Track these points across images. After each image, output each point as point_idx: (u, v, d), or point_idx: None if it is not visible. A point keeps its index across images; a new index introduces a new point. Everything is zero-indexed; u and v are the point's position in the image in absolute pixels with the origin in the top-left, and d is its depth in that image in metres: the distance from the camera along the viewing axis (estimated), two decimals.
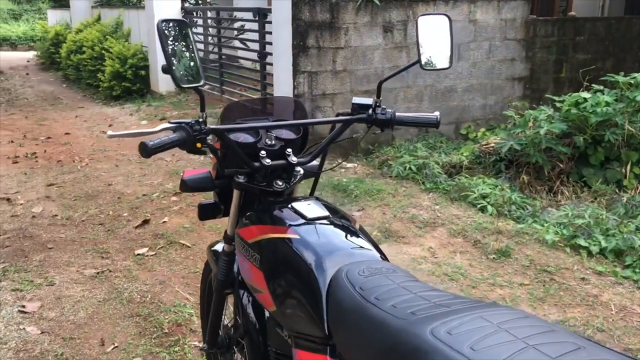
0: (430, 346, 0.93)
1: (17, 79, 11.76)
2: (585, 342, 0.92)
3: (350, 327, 1.17)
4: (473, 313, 1.01)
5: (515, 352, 0.88)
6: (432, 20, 1.67)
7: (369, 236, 1.49)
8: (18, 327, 2.77)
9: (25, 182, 5.08)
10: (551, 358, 0.85)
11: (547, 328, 0.97)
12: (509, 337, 0.92)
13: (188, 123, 1.43)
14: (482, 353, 0.89)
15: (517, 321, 0.99)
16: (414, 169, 5.08)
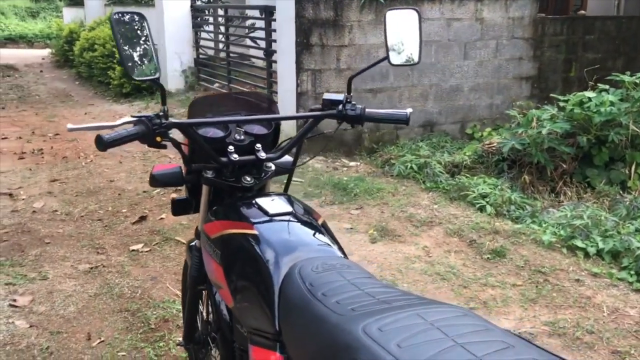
0: (359, 343, 0.92)
1: (31, 76, 11.89)
2: (517, 341, 0.90)
3: (295, 323, 1.16)
4: (411, 310, 1.00)
5: (441, 350, 0.86)
6: (402, 15, 1.66)
7: (330, 233, 1.48)
8: (7, 320, 2.80)
9: (29, 177, 5.13)
10: (475, 357, 0.84)
11: (483, 327, 0.95)
12: (439, 335, 0.91)
13: (148, 117, 1.43)
14: (407, 350, 0.87)
15: (453, 319, 0.97)
16: (415, 168, 5.05)
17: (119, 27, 1.39)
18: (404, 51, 1.69)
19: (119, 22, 1.40)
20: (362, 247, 3.68)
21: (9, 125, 7.23)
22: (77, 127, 1.43)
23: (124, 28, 1.42)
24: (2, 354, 2.53)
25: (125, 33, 1.42)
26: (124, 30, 1.42)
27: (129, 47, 1.43)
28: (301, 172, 5.18)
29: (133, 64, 1.43)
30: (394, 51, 1.69)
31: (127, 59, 1.40)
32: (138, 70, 1.43)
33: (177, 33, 8.71)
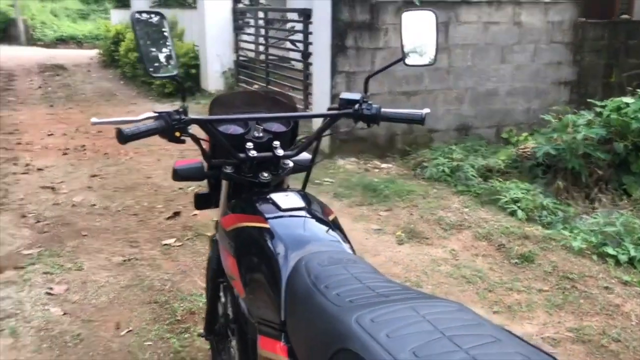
0: (351, 332, 0.96)
1: (78, 76, 12.28)
2: (506, 336, 0.92)
3: (297, 313, 1.20)
4: (405, 303, 1.03)
5: (428, 341, 0.90)
6: (418, 16, 1.68)
7: (340, 229, 1.52)
8: (43, 307, 2.93)
9: (71, 172, 5.32)
10: (460, 349, 0.87)
11: (475, 322, 0.98)
12: (429, 327, 0.94)
13: (168, 113, 1.50)
14: (395, 340, 0.91)
15: (446, 313, 1.00)
16: (447, 171, 5.04)
17: (139, 26, 1.46)
18: (420, 52, 1.71)
19: (139, 21, 1.47)
20: (388, 248, 3.70)
21: (55, 123, 7.50)
22: (101, 121, 1.51)
23: (144, 27, 1.49)
24: (37, 339, 2.66)
25: (145, 32, 1.49)
26: (144, 29, 1.49)
27: (149, 46, 1.50)
28: (332, 173, 5.24)
29: (152, 62, 1.50)
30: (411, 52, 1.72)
31: (146, 57, 1.47)
32: (157, 68, 1.50)
33: (218, 35, 8.88)
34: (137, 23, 1.46)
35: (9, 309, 2.91)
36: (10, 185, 4.89)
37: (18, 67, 13.51)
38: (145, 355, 2.55)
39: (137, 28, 1.45)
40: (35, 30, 20.64)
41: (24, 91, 10.23)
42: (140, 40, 1.45)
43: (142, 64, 1.45)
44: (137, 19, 1.46)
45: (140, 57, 1.45)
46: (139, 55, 1.45)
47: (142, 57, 1.45)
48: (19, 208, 4.36)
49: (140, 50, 1.45)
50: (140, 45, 1.45)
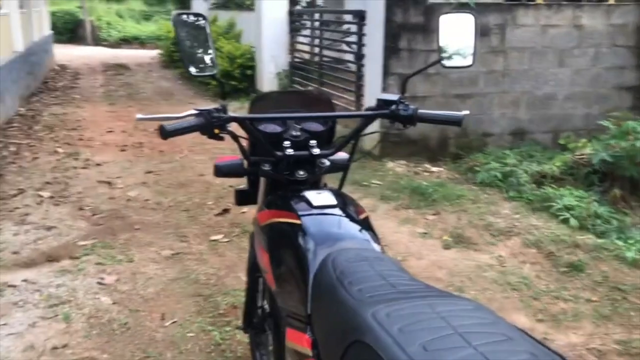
0: (366, 325, 0.97)
1: (140, 75, 12.68)
2: (519, 335, 0.92)
3: (321, 306, 1.22)
4: (423, 300, 1.04)
5: (438, 336, 0.90)
6: (457, 19, 1.67)
7: (371, 227, 1.53)
8: (94, 296, 3.05)
9: (128, 168, 5.51)
10: (469, 345, 0.87)
11: (489, 320, 0.97)
12: (442, 323, 0.94)
13: (208, 110, 1.55)
14: (407, 334, 0.91)
15: (462, 311, 1.00)
16: (499, 176, 4.94)
17: (180, 26, 1.52)
18: (458, 54, 1.70)
19: (180, 22, 1.52)
20: (433, 252, 3.67)
21: (115, 120, 7.78)
22: (146, 117, 1.57)
23: (185, 28, 1.55)
24: (87, 325, 2.77)
25: (186, 32, 1.55)
26: (185, 29, 1.54)
27: (190, 46, 1.55)
28: (381, 175, 5.23)
29: (192, 62, 1.55)
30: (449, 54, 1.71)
31: (187, 56, 1.52)
32: (197, 67, 1.55)
33: (274, 37, 8.99)
34: (178, 24, 1.51)
35: (64, 296, 3.04)
36: (71, 179, 5.10)
37: (84, 66, 14.07)
38: (188, 346, 2.62)
39: (178, 29, 1.51)
40: (101, 30, 21.45)
41: (88, 89, 10.65)
42: (181, 40, 1.51)
43: (183, 63, 1.51)
44: (178, 20, 1.52)
45: (181, 56, 1.50)
46: (180, 55, 1.50)
47: (183, 56, 1.50)
48: (77, 201, 4.55)
49: (181, 50, 1.50)
50: (181, 45, 1.50)
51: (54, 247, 3.66)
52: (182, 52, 1.50)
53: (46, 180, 5.03)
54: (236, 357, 2.56)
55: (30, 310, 2.89)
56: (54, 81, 11.63)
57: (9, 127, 7.17)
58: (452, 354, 0.86)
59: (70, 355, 2.53)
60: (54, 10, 20.85)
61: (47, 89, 10.54)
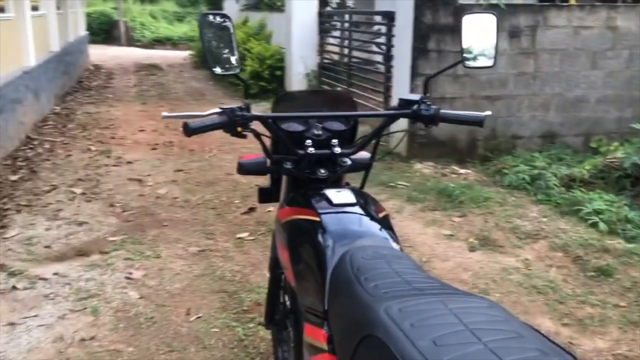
0: (378, 320, 0.99)
1: (171, 76, 12.87)
2: (531, 333, 0.92)
3: (337, 302, 1.24)
4: (436, 297, 1.05)
5: (449, 332, 0.91)
6: (479, 19, 1.67)
7: (389, 226, 1.54)
8: (122, 290, 3.12)
9: (158, 166, 5.60)
10: (479, 340, 0.87)
11: (502, 318, 0.98)
12: (453, 319, 0.95)
13: (232, 109, 1.58)
14: (418, 329, 0.93)
15: (474, 309, 1.01)
16: (527, 179, 4.89)
17: (206, 27, 1.55)
18: (480, 54, 1.70)
19: (206, 22, 1.56)
20: (459, 254, 3.65)
21: (147, 119, 7.91)
22: (171, 115, 1.62)
23: (211, 28, 1.58)
24: (114, 319, 2.84)
25: (211, 32, 1.58)
26: (211, 29, 1.58)
27: (214, 45, 1.58)
28: (408, 177, 5.22)
29: (217, 61, 1.58)
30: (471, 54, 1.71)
31: (211, 55, 1.56)
32: (220, 66, 1.59)
33: (303, 38, 9.03)
34: (203, 24, 1.55)
35: (92, 289, 3.12)
36: (102, 176, 5.22)
37: (117, 66, 14.34)
38: (211, 341, 2.66)
39: (203, 28, 1.54)
40: (135, 31, 21.83)
41: (121, 89, 10.85)
42: (206, 39, 1.54)
43: (207, 61, 1.54)
44: (204, 21, 1.56)
45: (206, 56, 1.54)
46: (204, 53, 1.54)
47: (207, 56, 1.54)
48: (108, 197, 4.64)
49: (206, 49, 1.54)
50: (205, 44, 1.54)
51: (85, 242, 3.75)
52: (207, 51, 1.54)
53: (79, 177, 5.15)
54: (259, 353, 2.59)
55: (60, 303, 2.97)
56: (89, 81, 11.88)
57: (44, 125, 7.36)
58: (462, 349, 0.86)
59: (97, 347, 2.60)
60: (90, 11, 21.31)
61: (82, 88, 10.77)
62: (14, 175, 5.12)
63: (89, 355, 2.53)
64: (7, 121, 5.74)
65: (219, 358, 2.54)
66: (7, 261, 3.41)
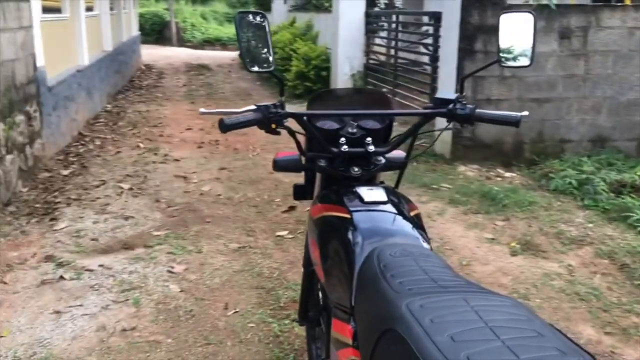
0: (399, 315, 0.99)
1: (220, 76, 13.09)
2: (552, 332, 0.91)
3: (363, 298, 1.25)
4: (460, 294, 1.04)
5: (468, 328, 0.91)
6: (516, 18, 1.65)
7: (420, 224, 1.54)
8: (164, 284, 3.19)
9: (203, 164, 5.71)
10: (497, 338, 0.87)
11: (524, 317, 0.97)
12: (474, 317, 0.95)
13: (266, 106, 1.60)
14: (437, 325, 0.93)
15: (496, 307, 1.00)
16: (574, 183, 4.77)
17: (243, 25, 1.58)
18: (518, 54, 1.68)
19: (243, 20, 1.59)
20: (500, 258, 3.60)
21: (194, 118, 8.06)
22: (208, 111, 1.65)
23: (247, 26, 1.61)
24: (155, 311, 2.91)
25: (248, 30, 1.61)
26: (247, 27, 1.61)
27: (249, 43, 1.61)
28: (451, 179, 5.16)
29: (251, 58, 1.61)
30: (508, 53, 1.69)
31: (246, 52, 1.59)
32: (255, 63, 1.62)
33: (350, 38, 9.04)
34: (240, 22, 1.58)
35: (135, 282, 3.21)
36: (150, 173, 5.35)
37: (168, 66, 14.67)
38: (247, 336, 2.70)
39: (240, 27, 1.57)
40: (186, 32, 22.28)
41: (171, 88, 11.10)
42: (242, 37, 1.57)
43: (241, 58, 1.57)
44: (240, 18, 1.59)
45: (241, 52, 1.57)
46: (240, 51, 1.57)
47: (242, 53, 1.57)
48: (154, 193, 4.76)
49: (242, 47, 1.57)
50: (242, 42, 1.57)
51: (130, 236, 3.86)
52: (243, 49, 1.57)
53: (127, 173, 5.30)
54: (293, 349, 2.61)
55: (104, 294, 3.06)
56: (140, 80, 12.20)
57: (96, 122, 7.60)
58: (479, 346, 0.86)
59: (137, 337, 2.67)
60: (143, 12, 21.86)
61: (133, 87, 11.07)
62: (66, 170, 5.31)
63: (129, 345, 2.61)
64: (60, 118, 5.95)
65: (254, 353, 2.58)
66: (56, 252, 3.54)
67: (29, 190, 4.67)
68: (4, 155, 4.28)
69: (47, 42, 5.54)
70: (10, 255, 3.47)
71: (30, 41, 5.06)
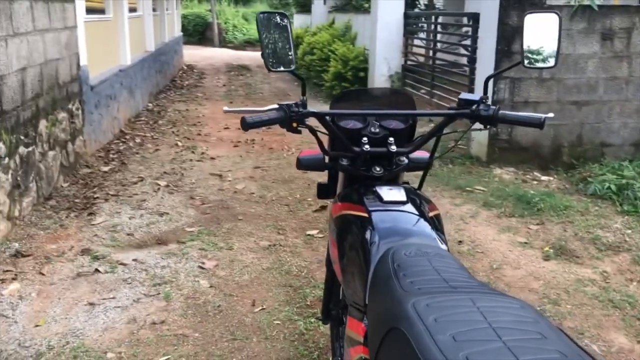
0: (405, 314, 0.99)
1: (259, 76, 13.21)
2: (556, 335, 0.90)
3: (375, 296, 1.26)
4: (467, 295, 1.04)
5: (471, 328, 0.90)
6: (541, 18, 1.63)
7: (438, 225, 1.53)
8: (194, 279, 3.26)
9: (238, 163, 5.79)
10: (499, 339, 0.87)
11: (530, 319, 0.96)
12: (478, 317, 0.94)
13: (288, 105, 1.62)
14: (440, 324, 0.93)
15: (503, 308, 0.99)
16: (613, 188, 4.65)
17: (263, 24, 1.61)
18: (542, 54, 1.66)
19: (265, 20, 1.62)
20: (531, 262, 3.54)
21: (232, 117, 8.13)
22: (232, 110, 1.69)
23: (268, 26, 1.64)
24: (184, 305, 2.97)
25: (269, 30, 1.64)
26: (268, 27, 1.63)
27: (271, 43, 1.64)
28: (486, 182, 5.10)
29: (272, 57, 1.64)
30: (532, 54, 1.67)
31: (267, 52, 1.61)
32: (276, 62, 1.64)
33: (388, 39, 9.01)
34: (261, 22, 1.61)
35: (167, 276, 3.28)
36: (186, 170, 5.45)
37: (209, 66, 14.89)
38: (273, 333, 2.73)
39: (262, 27, 1.60)
40: (227, 33, 22.56)
41: (211, 88, 11.26)
42: (264, 38, 1.60)
43: (264, 59, 1.60)
44: (262, 19, 1.61)
45: (263, 53, 1.60)
46: (262, 50, 1.60)
47: (263, 52, 1.59)
48: (189, 191, 4.85)
49: (264, 47, 1.59)
50: (263, 42, 1.60)
51: (164, 232, 3.94)
52: (264, 48, 1.60)
53: (164, 171, 5.41)
54: (318, 347, 2.63)
55: (136, 287, 3.14)
56: (181, 80, 12.42)
57: (137, 121, 7.78)
58: (479, 346, 0.86)
59: (166, 330, 2.73)
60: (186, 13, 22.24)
61: (174, 87, 11.28)
62: (106, 166, 5.46)
63: (157, 338, 2.67)
64: (101, 116, 6.12)
65: (279, 350, 2.61)
66: (92, 246, 3.65)
67: (70, 185, 4.82)
68: (47, 151, 4.43)
69: (91, 42, 5.70)
70: (48, 248, 3.59)
71: (74, 41, 5.22)
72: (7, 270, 3.26)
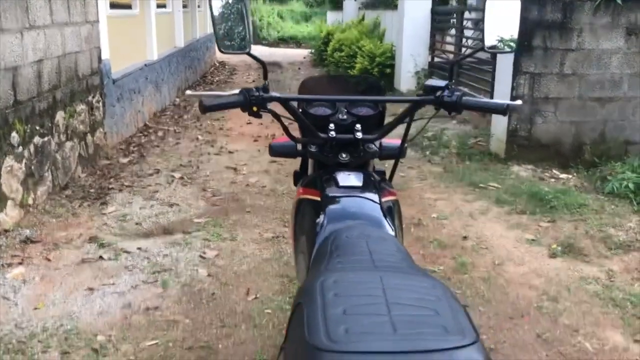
0: (309, 290, 1.00)
1: (289, 73, 13.27)
2: (452, 313, 0.89)
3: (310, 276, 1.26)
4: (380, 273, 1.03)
5: (364, 303, 0.90)
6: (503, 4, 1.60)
7: (390, 212, 1.52)
8: (193, 267, 3.30)
9: (255, 157, 5.83)
10: (387, 314, 0.86)
11: (434, 297, 0.95)
12: (378, 293, 0.94)
13: (248, 89, 1.63)
14: (337, 299, 0.93)
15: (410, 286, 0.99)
16: (631, 187, 4.52)
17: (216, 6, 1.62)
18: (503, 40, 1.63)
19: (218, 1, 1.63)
20: (536, 259, 3.47)
21: None
22: (193, 94, 1.71)
23: (222, 8, 1.65)
24: (180, 292, 3.02)
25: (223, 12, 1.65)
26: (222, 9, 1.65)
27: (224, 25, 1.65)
28: (502, 178, 5.02)
29: (224, 39, 1.65)
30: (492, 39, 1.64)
31: (219, 34, 1.63)
32: (228, 45, 1.65)
33: (415, 35, 8.95)
34: (215, 4, 1.62)
35: (167, 264, 3.33)
36: (203, 163, 5.52)
37: (241, 63, 15.00)
38: (262, 321, 2.75)
39: (213, 8, 1.62)
40: (262, 30, 22.72)
41: (240, 84, 11.36)
42: (216, 18, 1.61)
43: (216, 40, 1.62)
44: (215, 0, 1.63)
45: (215, 33, 1.61)
46: (214, 32, 1.61)
47: (215, 34, 1.61)
48: (202, 183, 4.92)
49: (215, 27, 1.61)
50: (215, 23, 1.61)
51: (172, 222, 4.01)
52: (216, 29, 1.61)
53: (181, 163, 5.49)
54: None
55: (136, 274, 3.20)
56: (212, 76, 12.58)
57: (162, 115, 7.92)
58: (365, 320, 0.86)
59: (158, 316, 2.78)
60: None
61: (204, 83, 11.43)
62: (125, 158, 5.57)
63: (149, 323, 2.72)
64: (124, 109, 6.25)
65: (265, 337, 2.63)
66: (100, 234, 3.74)
67: (87, 175, 4.94)
68: (64, 142, 4.55)
69: (115, 36, 5.82)
70: (58, 235, 3.70)
71: (96, 35, 5.35)
72: (15, 255, 3.37)
